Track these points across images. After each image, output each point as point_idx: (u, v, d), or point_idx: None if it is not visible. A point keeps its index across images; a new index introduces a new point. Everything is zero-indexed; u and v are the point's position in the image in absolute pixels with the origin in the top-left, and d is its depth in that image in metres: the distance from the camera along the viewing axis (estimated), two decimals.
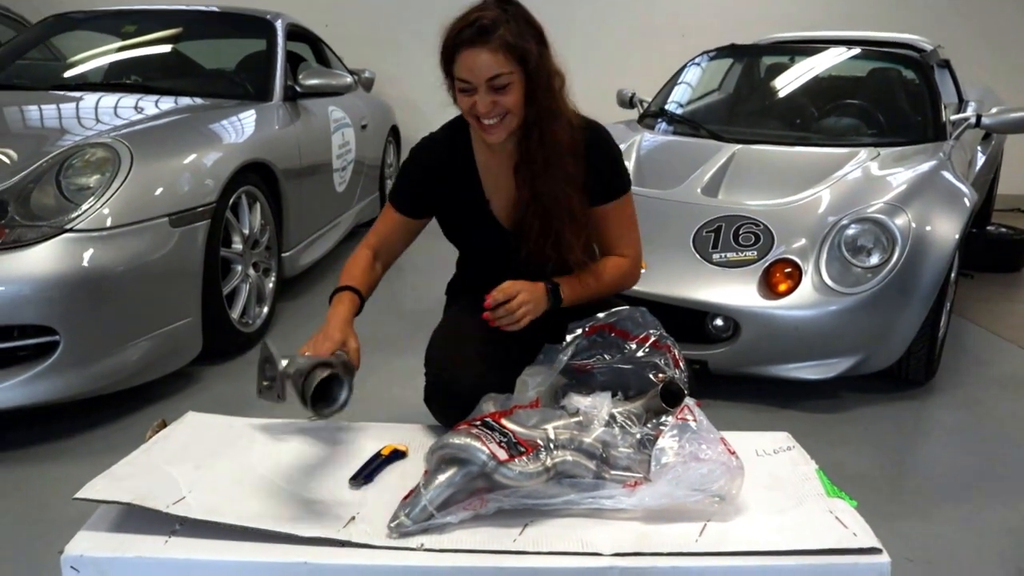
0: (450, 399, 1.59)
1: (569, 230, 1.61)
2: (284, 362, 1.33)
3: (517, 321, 1.56)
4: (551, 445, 1.31)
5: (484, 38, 1.45)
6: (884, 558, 1.20)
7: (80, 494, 1.23)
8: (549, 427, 1.34)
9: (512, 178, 1.64)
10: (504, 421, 1.33)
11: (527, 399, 1.47)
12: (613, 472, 1.32)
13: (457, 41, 1.47)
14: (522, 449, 1.27)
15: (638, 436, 1.35)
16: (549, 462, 1.28)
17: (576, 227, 1.62)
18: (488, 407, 1.42)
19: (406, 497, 1.25)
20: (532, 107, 1.53)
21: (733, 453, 1.31)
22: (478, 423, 1.31)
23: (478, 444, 1.25)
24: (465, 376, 1.58)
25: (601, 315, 1.58)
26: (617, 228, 1.70)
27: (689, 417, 1.35)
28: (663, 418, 1.41)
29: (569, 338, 1.56)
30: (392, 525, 1.21)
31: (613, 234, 1.70)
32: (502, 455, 1.24)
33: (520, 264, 1.67)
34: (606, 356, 1.58)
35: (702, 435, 1.32)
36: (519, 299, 1.56)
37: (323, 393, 1.19)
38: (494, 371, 1.60)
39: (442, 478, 1.25)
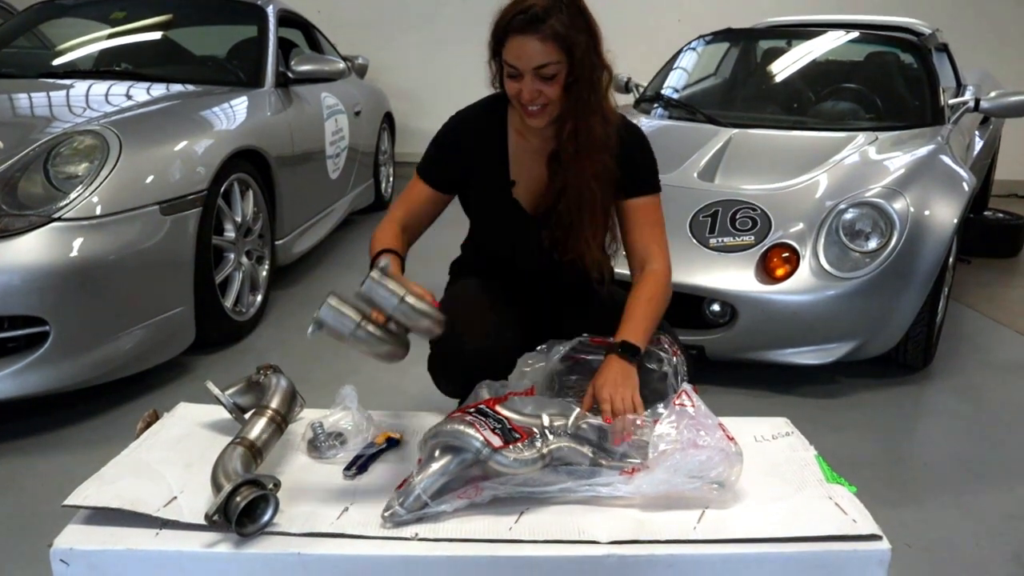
0: (454, 362, 1.58)
1: (589, 225, 1.60)
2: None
3: (634, 409, 1.40)
4: (546, 432, 1.29)
5: (535, 26, 1.44)
6: (884, 544, 1.18)
7: (69, 501, 1.20)
8: (544, 414, 1.32)
9: (543, 166, 1.64)
10: (499, 408, 1.31)
11: (523, 386, 1.45)
12: (610, 459, 1.31)
13: (509, 27, 1.46)
14: (517, 436, 1.25)
15: (637, 422, 1.34)
16: (545, 449, 1.26)
17: (595, 222, 1.61)
18: (483, 393, 1.41)
19: (400, 486, 1.23)
20: (571, 98, 1.51)
21: (732, 439, 1.29)
22: (472, 410, 1.30)
23: (472, 431, 1.23)
24: (470, 338, 1.56)
25: None
26: (649, 227, 1.64)
27: (687, 403, 1.33)
28: (659, 406, 1.39)
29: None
30: (386, 515, 1.20)
31: (646, 232, 1.64)
32: (496, 442, 1.23)
33: (536, 251, 1.67)
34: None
35: (700, 421, 1.30)
36: (615, 400, 1.41)
37: (248, 510, 1.15)
38: (498, 333, 1.60)
39: (436, 466, 1.23)
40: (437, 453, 1.25)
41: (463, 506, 1.22)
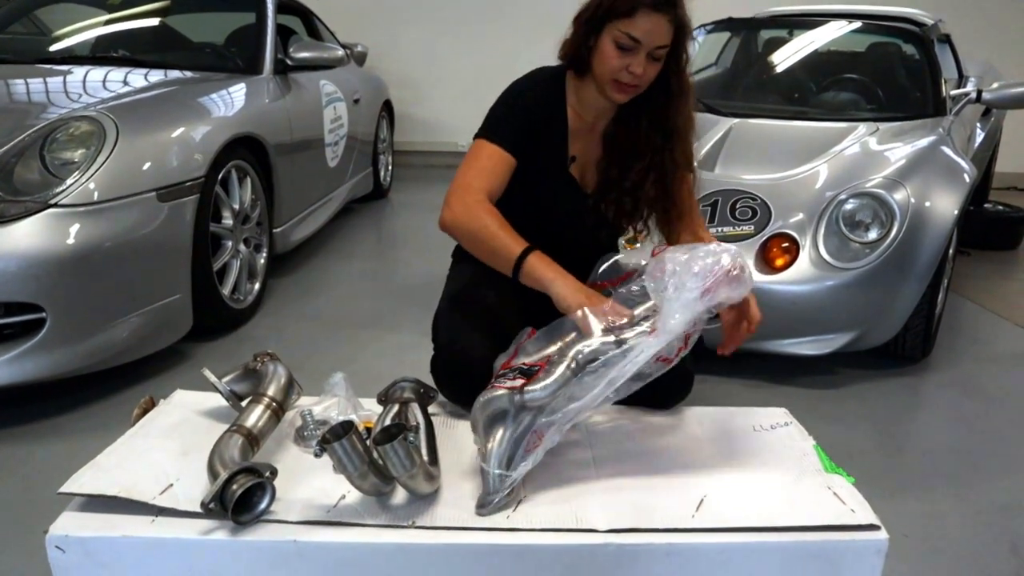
0: (460, 372, 1.55)
1: (648, 202, 1.68)
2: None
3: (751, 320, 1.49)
4: (562, 352, 1.28)
5: (669, 7, 1.48)
6: (882, 534, 1.18)
7: (65, 488, 1.20)
8: (551, 344, 1.32)
9: (599, 144, 1.69)
10: (511, 362, 1.32)
11: (524, 333, 1.42)
12: (632, 331, 1.28)
13: (642, 1, 1.47)
14: (536, 368, 1.25)
15: (635, 290, 1.35)
16: (570, 362, 1.24)
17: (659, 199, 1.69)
18: (496, 367, 1.39)
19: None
20: (676, 79, 1.57)
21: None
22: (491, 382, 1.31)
23: (494, 392, 1.24)
24: (476, 349, 1.54)
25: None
26: (690, 196, 1.73)
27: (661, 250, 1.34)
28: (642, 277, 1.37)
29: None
30: (481, 510, 1.20)
31: (689, 200, 1.72)
32: (519, 383, 1.22)
33: (585, 227, 1.69)
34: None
35: (680, 248, 1.33)
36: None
37: (245, 498, 1.14)
38: (505, 344, 1.57)
39: (492, 443, 1.23)
40: (484, 432, 1.25)
41: (541, 456, 1.21)
